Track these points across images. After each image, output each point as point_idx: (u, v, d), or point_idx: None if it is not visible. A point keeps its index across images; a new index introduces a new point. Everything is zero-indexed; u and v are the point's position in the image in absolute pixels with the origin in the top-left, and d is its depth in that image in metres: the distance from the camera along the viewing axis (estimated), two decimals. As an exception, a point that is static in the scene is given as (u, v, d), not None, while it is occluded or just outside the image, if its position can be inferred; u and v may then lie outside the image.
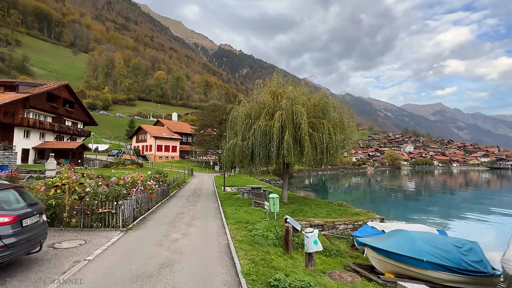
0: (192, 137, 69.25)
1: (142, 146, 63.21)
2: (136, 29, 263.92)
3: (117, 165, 38.00)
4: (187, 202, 15.08)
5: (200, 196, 18.04)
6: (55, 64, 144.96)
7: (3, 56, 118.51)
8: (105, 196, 8.64)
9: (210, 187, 25.28)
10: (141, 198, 11.01)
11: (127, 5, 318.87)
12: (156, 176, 15.24)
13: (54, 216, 8.25)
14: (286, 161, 14.79)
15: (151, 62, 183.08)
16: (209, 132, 59.55)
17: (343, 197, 31.55)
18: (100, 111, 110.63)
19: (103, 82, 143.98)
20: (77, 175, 14.10)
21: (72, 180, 10.37)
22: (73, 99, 39.33)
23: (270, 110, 16.22)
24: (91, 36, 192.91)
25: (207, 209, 13.35)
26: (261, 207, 15.29)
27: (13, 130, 29.87)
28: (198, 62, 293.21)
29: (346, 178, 71.19)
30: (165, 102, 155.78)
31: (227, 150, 17.53)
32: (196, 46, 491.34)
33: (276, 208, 11.82)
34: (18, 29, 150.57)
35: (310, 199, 20.41)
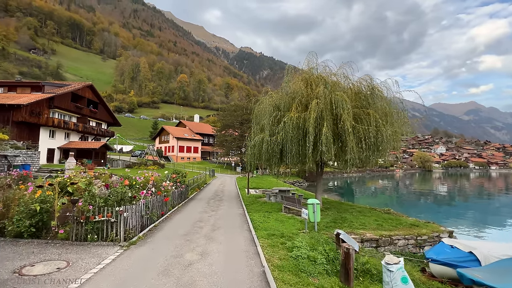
0: (213, 138, 68.28)
1: (164, 147, 63.16)
2: (160, 35, 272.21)
3: (139, 166, 37.34)
4: (207, 207, 13.08)
5: (222, 200, 16.01)
6: (86, 70, 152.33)
7: (40, 64, 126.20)
8: (104, 200, 6.76)
9: (232, 189, 23.29)
10: (153, 202, 9.11)
11: (152, 13, 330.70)
12: (173, 176, 13.40)
13: (41, 225, 6.50)
14: (327, 159, 12.30)
15: (174, 66, 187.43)
16: (230, 133, 58.19)
17: (372, 201, 28.28)
18: (126, 113, 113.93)
19: (129, 86, 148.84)
20: (87, 174, 12.53)
21: (82, 179, 8.73)
22: (97, 99, 39.39)
23: (303, 100, 13.85)
24: (118, 43, 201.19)
25: (230, 215, 11.23)
26: (293, 214, 12.98)
27: (39, 130, 29.94)
28: (219, 65, 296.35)
29: (373, 181, 66.42)
30: (187, 104, 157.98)
31: (252, 147, 15.38)
32: (217, 49, 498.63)
33: (317, 217, 9.41)
34: (53, 39, 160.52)
35: (348, 204, 17.66)
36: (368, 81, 13.96)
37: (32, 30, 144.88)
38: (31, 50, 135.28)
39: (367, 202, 24.65)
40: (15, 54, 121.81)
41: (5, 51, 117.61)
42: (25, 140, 26.82)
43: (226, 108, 65.25)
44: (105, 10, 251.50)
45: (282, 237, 7.94)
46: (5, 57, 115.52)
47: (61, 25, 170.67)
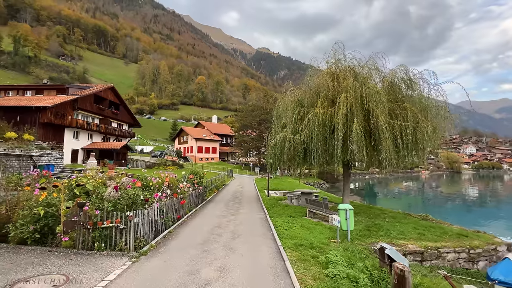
0: (231, 138, 67.99)
1: (183, 147, 63.67)
2: (179, 38, 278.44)
3: (159, 166, 37.55)
4: (226, 210, 12.24)
5: (242, 202, 15.14)
6: (110, 74, 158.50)
7: (68, 69, 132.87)
8: (113, 204, 6.06)
9: (251, 190, 22.40)
10: (168, 205, 8.38)
11: (171, 17, 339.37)
12: (190, 177, 12.71)
13: (47, 230, 5.90)
14: (358, 159, 11.04)
15: (193, 68, 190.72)
16: (248, 133, 57.56)
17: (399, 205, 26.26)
18: (147, 115, 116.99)
19: (150, 89, 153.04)
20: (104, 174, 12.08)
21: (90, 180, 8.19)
22: (118, 101, 40.13)
23: (329, 94, 12.68)
24: (140, 47, 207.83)
25: (251, 220, 10.30)
26: (319, 219, 11.84)
27: (63, 131, 30.76)
28: (237, 66, 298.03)
29: (397, 183, 62.90)
30: (205, 105, 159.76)
31: (273, 146, 14.41)
32: (235, 51, 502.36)
33: (350, 225, 8.25)
34: (80, 45, 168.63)
35: (378, 208, 16.17)
36: (403, 71, 12.52)
37: (61, 37, 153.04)
38: (60, 57, 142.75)
39: (393, 206, 22.84)
40: (45, 61, 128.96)
41: (37, 58, 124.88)
42: (50, 140, 27.54)
43: (244, 109, 64.80)
44: (127, 16, 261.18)
45: (312, 248, 6.89)
46: (37, 63, 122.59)
47: (87, 32, 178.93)
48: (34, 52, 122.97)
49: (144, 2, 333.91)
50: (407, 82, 12.48)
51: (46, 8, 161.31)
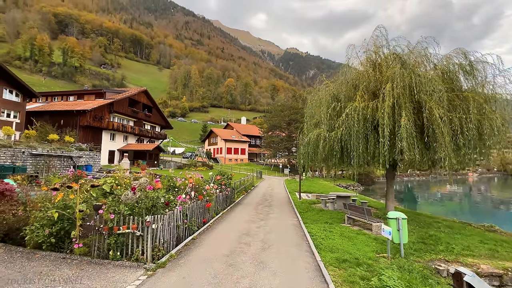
0: (260, 139, 67.38)
1: (213, 149, 64.39)
2: (209, 43, 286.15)
3: (189, 167, 37.99)
4: (255, 214, 11.33)
5: (272, 205, 14.14)
6: (145, 80, 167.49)
7: (108, 77, 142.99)
8: (129, 207, 5.44)
9: (282, 192, 21.31)
10: (192, 209, 7.69)
11: (201, 23, 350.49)
12: (217, 178, 12.03)
13: (63, 235, 5.44)
14: (408, 158, 9.48)
15: (222, 71, 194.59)
16: (277, 134, 56.54)
17: (442, 210, 23.27)
18: (179, 118, 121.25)
19: (182, 93, 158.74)
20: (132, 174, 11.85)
21: (126, 181, 7.83)
22: (151, 104, 41.49)
23: (370, 85, 11.23)
24: (172, 53, 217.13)
25: (283, 226, 9.27)
26: (360, 227, 10.46)
27: (101, 133, 32.36)
28: (265, 68, 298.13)
29: (439, 186, 56.97)
30: (234, 107, 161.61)
31: (306, 146, 13.26)
32: (263, 52, 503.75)
33: (403, 238, 6.86)
34: (119, 54, 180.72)
35: (426, 215, 14.15)
36: (460, 56, 10.63)
37: (102, 48, 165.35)
38: (101, 65, 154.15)
39: (438, 212, 20.21)
40: (89, 70, 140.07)
41: (82, 68, 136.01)
42: (89, 142, 29.01)
43: (272, 109, 63.85)
44: (161, 24, 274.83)
45: (358, 266, 5.68)
46: (82, 72, 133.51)
47: (125, 41, 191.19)
48: (79, 62, 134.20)
49: (176, 10, 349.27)
50: (465, 68, 10.59)
51: (90, 22, 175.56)
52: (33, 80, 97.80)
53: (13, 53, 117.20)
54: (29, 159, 19.38)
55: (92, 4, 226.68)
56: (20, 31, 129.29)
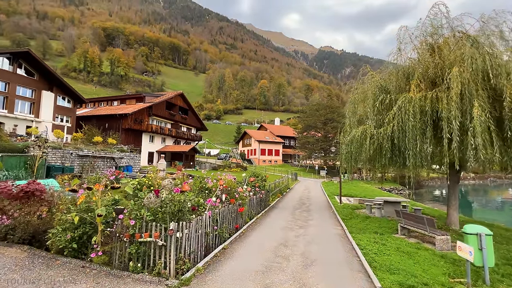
0: (294, 140, 65.73)
1: (247, 150, 64.37)
2: (242, 46, 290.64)
3: (223, 168, 38.14)
4: (293, 220, 10.27)
5: (310, 210, 12.93)
6: (182, 85, 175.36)
7: (149, 83, 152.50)
8: (152, 212, 4.82)
9: (319, 196, 19.86)
10: (223, 214, 6.94)
11: (235, 27, 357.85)
12: (251, 180, 11.22)
13: (86, 240, 5.02)
14: (485, 158, 7.69)
15: (255, 73, 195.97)
16: (312, 134, 54.55)
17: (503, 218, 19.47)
18: (214, 120, 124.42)
19: (216, 96, 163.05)
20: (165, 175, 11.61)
21: (159, 181, 7.45)
22: (187, 106, 42.59)
23: (428, 72, 9.51)
24: (207, 58, 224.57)
25: (326, 236, 8.09)
26: (418, 239, 8.86)
27: (141, 136, 33.88)
28: (299, 68, 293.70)
29: (500, 190, 49.30)
30: (267, 109, 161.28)
31: (348, 144, 11.89)
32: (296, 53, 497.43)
33: (489, 260, 5.31)
34: (159, 62, 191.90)
35: (501, 227, 11.72)
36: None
37: (144, 57, 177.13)
38: (143, 73, 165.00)
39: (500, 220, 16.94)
40: (133, 78, 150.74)
41: (127, 76, 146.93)
42: (130, 144, 30.45)
43: (307, 109, 61.86)
44: (197, 31, 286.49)
45: (431, 296, 4.37)
46: (127, 80, 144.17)
47: (164, 49, 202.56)
48: (124, 71, 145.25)
49: (211, 17, 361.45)
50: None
51: (133, 33, 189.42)
52: (86, 89, 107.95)
53: (70, 66, 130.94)
54: (76, 160, 20.66)
55: (135, 17, 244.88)
56: (76, 45, 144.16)
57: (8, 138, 19.27)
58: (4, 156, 15.20)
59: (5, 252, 4.92)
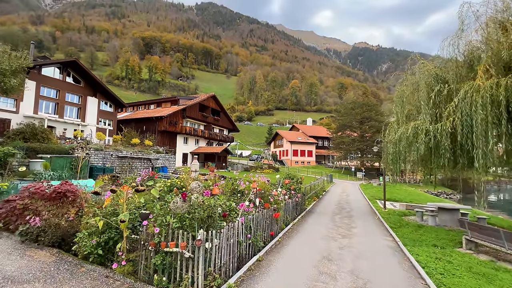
0: (328, 140, 63.21)
1: (279, 151, 63.41)
2: (273, 47, 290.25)
3: (255, 169, 37.74)
4: (334, 227, 9.24)
5: (352, 216, 11.70)
6: (215, 88, 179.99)
7: (184, 87, 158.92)
8: (179, 219, 4.29)
9: (359, 200, 18.31)
10: (257, 220, 6.25)
11: (265, 29, 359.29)
12: (285, 182, 10.41)
13: (112, 246, 4.67)
14: None
15: (286, 73, 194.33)
16: (348, 134, 51.89)
17: None
18: (245, 121, 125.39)
19: (248, 97, 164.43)
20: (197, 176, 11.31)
21: (189, 182, 7.08)
22: (219, 108, 43.03)
23: (501, 55, 7.88)
24: (238, 61, 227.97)
25: (376, 249, 6.98)
26: (490, 256, 7.35)
27: (176, 137, 34.86)
28: (331, 66, 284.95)
29: None
30: (299, 109, 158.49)
31: (396, 143, 10.57)
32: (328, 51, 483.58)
33: None
34: (193, 67, 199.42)
35: None
36: None
37: (179, 62, 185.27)
38: (178, 78, 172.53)
39: None
40: (169, 83, 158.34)
41: (163, 81, 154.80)
42: (165, 145, 31.40)
43: (342, 108, 59.09)
44: (228, 35, 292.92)
45: None
46: (163, 86, 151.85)
47: (197, 54, 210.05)
48: (161, 77, 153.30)
49: (241, 20, 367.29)
50: None
51: (169, 41, 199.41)
52: (127, 95, 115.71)
53: (114, 74, 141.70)
54: (116, 160, 21.63)
55: (171, 25, 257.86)
56: (118, 55, 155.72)
57: (57, 140, 20.82)
58: (53, 157, 16.27)
59: (34, 255, 4.76)
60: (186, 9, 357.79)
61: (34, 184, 5.89)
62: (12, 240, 5.35)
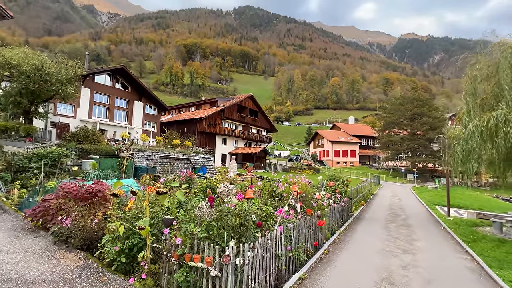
0: (373, 140, 58.83)
1: (319, 151, 60.95)
2: (311, 45, 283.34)
3: (294, 170, 36.54)
4: (390, 239, 7.84)
5: (411, 224, 10.02)
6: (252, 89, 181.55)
7: (223, 90, 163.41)
8: (205, 227, 3.60)
9: (415, 205, 16.08)
10: (298, 228, 5.34)
11: (302, 27, 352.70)
12: (329, 185, 9.25)
13: (136, 253, 4.19)
14: None
15: (325, 71, 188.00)
16: (396, 132, 47.62)
17: None
18: (283, 122, 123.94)
19: (285, 97, 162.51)
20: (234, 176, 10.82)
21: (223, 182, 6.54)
22: (257, 108, 42.68)
23: None
24: (276, 61, 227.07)
25: (450, 270, 5.53)
26: None
27: (214, 138, 35.35)
28: (374, 61, 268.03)
29: None
30: (340, 107, 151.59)
31: (467, 139, 8.74)
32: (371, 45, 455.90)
33: None
34: (231, 70, 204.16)
35: None
36: None
37: (218, 66, 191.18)
38: (218, 81, 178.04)
39: None
40: (209, 86, 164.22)
41: (204, 85, 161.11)
42: (204, 146, 31.95)
43: (389, 104, 54.35)
44: (265, 36, 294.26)
45: None
46: (204, 89, 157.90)
47: (235, 57, 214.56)
48: (202, 81, 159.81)
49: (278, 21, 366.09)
50: None
51: (209, 46, 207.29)
52: (171, 99, 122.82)
53: (159, 81, 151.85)
54: (158, 161, 22.41)
55: (210, 31, 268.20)
56: (163, 63, 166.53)
57: (107, 142, 22.32)
58: (101, 157, 17.29)
59: (61, 259, 4.52)
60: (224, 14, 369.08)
61: (68, 183, 5.79)
62: (46, 240, 5.26)
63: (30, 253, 4.68)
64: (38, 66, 17.67)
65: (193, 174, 15.40)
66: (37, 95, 18.60)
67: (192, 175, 14.46)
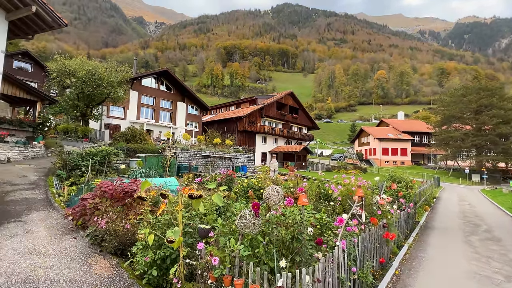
0: (428, 136, 52.90)
1: (364, 150, 56.94)
2: (353, 38, 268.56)
3: (339, 169, 34.32)
4: (477, 257, 6.17)
5: (499, 238, 7.99)
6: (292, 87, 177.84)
7: (262, 90, 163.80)
8: (248, 244, 2.76)
9: (493, 211, 13.37)
10: (363, 243, 4.23)
11: (344, 20, 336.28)
12: (393, 187, 7.79)
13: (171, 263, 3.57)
14: None
15: (370, 65, 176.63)
16: (457, 127, 42.09)
17: None
18: (325, 119, 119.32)
19: (326, 94, 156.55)
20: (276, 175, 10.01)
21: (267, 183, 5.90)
22: (297, 105, 41.22)
23: None
24: (315, 58, 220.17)
25: None
26: None
27: (254, 136, 34.94)
28: (426, 50, 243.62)
29: None
30: (387, 102, 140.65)
31: None
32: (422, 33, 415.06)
33: None
34: (270, 69, 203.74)
35: None
36: None
37: (257, 66, 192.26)
38: (257, 81, 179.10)
39: None
40: (248, 86, 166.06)
41: (243, 86, 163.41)
42: (244, 145, 31.70)
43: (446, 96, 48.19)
44: (304, 33, 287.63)
45: None
46: (243, 89, 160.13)
47: (274, 56, 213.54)
48: (241, 81, 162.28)
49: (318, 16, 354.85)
50: None
51: (247, 47, 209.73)
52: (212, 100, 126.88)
53: (201, 83, 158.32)
54: (200, 160, 22.61)
55: (249, 32, 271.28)
56: (205, 66, 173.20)
57: (153, 142, 23.25)
58: (147, 156, 17.87)
59: (94, 265, 4.13)
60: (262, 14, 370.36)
61: (106, 182, 5.51)
62: (84, 242, 5.00)
63: (65, 256, 4.39)
64: (92, 71, 18.98)
65: (233, 173, 14.88)
66: (92, 98, 20.03)
67: (232, 174, 13.94)
